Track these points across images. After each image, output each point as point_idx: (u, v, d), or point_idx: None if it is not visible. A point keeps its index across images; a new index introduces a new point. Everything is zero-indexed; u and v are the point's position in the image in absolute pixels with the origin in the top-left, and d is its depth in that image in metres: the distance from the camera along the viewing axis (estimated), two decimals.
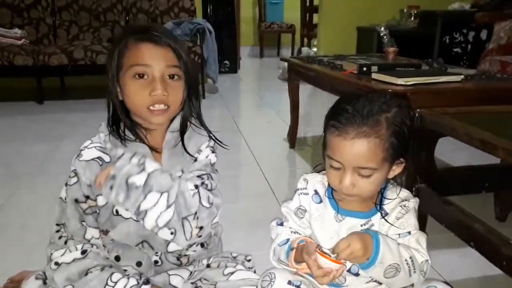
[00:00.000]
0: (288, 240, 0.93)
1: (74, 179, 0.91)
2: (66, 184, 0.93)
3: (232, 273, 0.98)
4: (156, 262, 0.98)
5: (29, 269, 1.09)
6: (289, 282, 0.87)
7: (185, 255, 1.01)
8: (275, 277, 0.89)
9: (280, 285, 0.87)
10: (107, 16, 3.90)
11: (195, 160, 0.97)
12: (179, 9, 4.05)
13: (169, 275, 0.97)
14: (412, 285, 0.84)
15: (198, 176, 0.92)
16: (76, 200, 0.91)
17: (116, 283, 0.88)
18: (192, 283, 0.96)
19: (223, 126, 2.83)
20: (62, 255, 0.91)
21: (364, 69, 1.60)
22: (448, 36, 3.63)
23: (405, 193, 0.91)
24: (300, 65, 2.18)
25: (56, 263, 0.90)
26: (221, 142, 1.02)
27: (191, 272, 1.00)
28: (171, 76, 0.88)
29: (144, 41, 0.86)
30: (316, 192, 0.94)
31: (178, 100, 0.90)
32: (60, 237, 0.92)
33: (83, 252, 0.91)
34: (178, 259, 1.00)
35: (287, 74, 2.44)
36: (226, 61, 5.17)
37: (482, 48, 3.04)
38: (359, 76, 1.59)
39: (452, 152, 1.80)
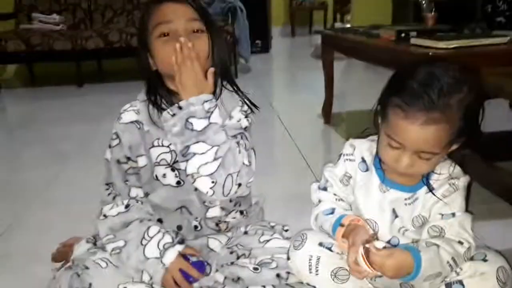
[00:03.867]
0: (333, 210, 0.90)
1: (116, 141, 0.95)
2: (109, 146, 0.96)
3: (268, 240, 0.99)
4: (196, 227, 1.00)
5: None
6: (320, 244, 0.87)
7: (225, 222, 1.02)
8: (306, 237, 0.89)
9: (311, 246, 0.87)
10: None
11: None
12: None
13: (208, 238, 0.99)
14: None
15: (233, 136, 0.92)
16: (118, 161, 0.95)
17: (152, 237, 0.90)
18: (228, 248, 0.98)
19: (257, 105, 2.81)
20: (110, 209, 0.95)
21: (402, 35, 1.54)
22: (491, 5, 3.43)
23: (456, 169, 0.85)
24: (335, 36, 2.14)
25: (104, 215, 0.95)
26: (253, 105, 1.00)
27: (229, 238, 1.02)
28: (195, 31, 0.89)
29: (164, 1, 0.89)
30: (363, 160, 0.91)
31: (204, 51, 0.89)
32: (108, 194, 0.97)
33: (127, 206, 0.95)
34: (217, 225, 1.02)
35: (321, 47, 2.39)
36: (257, 41, 5.12)
37: None
38: (398, 42, 1.54)
39: (498, 119, 1.72)
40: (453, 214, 0.83)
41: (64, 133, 2.42)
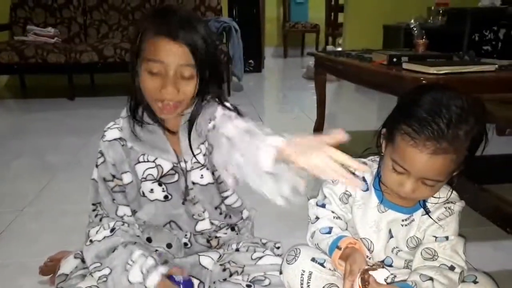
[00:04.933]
0: (331, 229, 0.91)
1: (101, 159, 0.95)
2: (96, 166, 0.96)
3: (260, 257, 0.99)
4: (185, 244, 1.00)
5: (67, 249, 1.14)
6: (313, 259, 0.88)
7: (215, 237, 1.03)
8: (300, 252, 0.90)
9: (303, 261, 0.88)
10: (136, 15, 3.98)
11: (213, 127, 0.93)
12: (206, 8, 4.10)
13: (199, 255, 0.99)
14: None
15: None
16: (104, 179, 0.95)
17: (135, 262, 0.89)
18: (220, 265, 0.98)
19: None
20: (97, 232, 0.94)
21: (395, 59, 1.59)
22: (478, 34, 3.53)
23: (453, 194, 0.88)
24: (327, 58, 2.18)
25: (90, 241, 0.94)
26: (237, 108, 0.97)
27: (220, 255, 1.01)
28: (184, 77, 0.85)
29: (162, 34, 0.82)
30: (363, 180, 0.92)
31: (188, 97, 0.87)
32: (96, 215, 0.96)
33: (112, 230, 0.94)
34: (208, 241, 1.02)
35: (314, 69, 2.44)
36: (250, 61, 5.18)
37: None
38: (389, 66, 1.58)
39: (490, 146, 1.77)
40: (447, 238, 0.85)
41: (54, 145, 2.40)
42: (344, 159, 0.65)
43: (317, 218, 0.95)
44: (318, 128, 2.43)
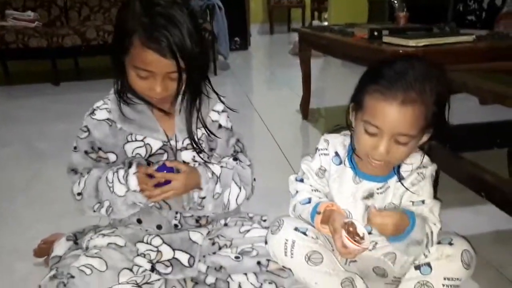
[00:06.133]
0: (310, 199, 0.95)
1: (86, 134, 0.98)
2: (79, 138, 0.99)
3: (248, 230, 1.03)
4: (176, 225, 1.03)
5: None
6: (296, 229, 0.92)
7: (204, 216, 1.05)
8: (283, 223, 0.93)
9: (287, 230, 0.92)
10: None
11: (219, 126, 1.03)
12: None
13: (189, 231, 1.01)
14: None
15: (233, 153, 1.04)
16: (86, 152, 0.99)
17: (113, 181, 0.94)
18: (210, 239, 1.01)
19: (236, 101, 2.80)
20: (79, 184, 0.99)
21: (375, 33, 1.60)
22: (462, 4, 3.54)
23: (425, 159, 0.91)
24: (311, 34, 2.19)
25: (78, 194, 0.99)
26: (229, 108, 1.07)
27: (209, 230, 1.04)
28: (172, 77, 0.87)
29: (151, 48, 0.82)
30: (336, 154, 0.96)
31: (176, 90, 0.90)
32: (75, 174, 1.01)
33: (88, 171, 0.99)
34: (197, 221, 1.05)
35: (299, 45, 2.44)
36: (236, 38, 5.14)
37: (497, 16, 2.97)
38: (370, 40, 1.60)
39: (463, 113, 1.81)
40: (423, 201, 0.89)
41: (42, 132, 2.39)
42: None
43: (297, 192, 0.99)
44: (304, 104, 2.45)
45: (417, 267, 0.88)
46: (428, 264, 0.87)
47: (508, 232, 1.24)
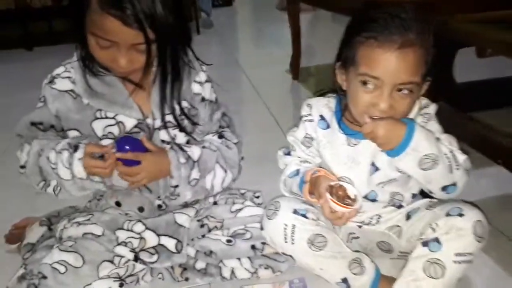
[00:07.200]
0: (298, 171, 0.89)
1: (41, 104, 0.88)
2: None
3: (240, 209, 0.95)
4: (159, 206, 0.94)
5: (32, 215, 1.08)
6: (295, 211, 0.84)
7: None
8: (280, 206, 0.85)
9: (285, 214, 0.84)
10: None
11: (202, 99, 0.92)
12: None
13: (174, 213, 0.92)
14: (455, 184, 0.79)
15: (218, 129, 0.94)
16: (33, 123, 0.88)
17: (56, 163, 0.83)
18: (198, 220, 0.93)
19: (222, 62, 2.73)
20: (21, 152, 0.89)
21: None
22: None
23: (424, 100, 0.84)
24: None
25: (21, 166, 0.89)
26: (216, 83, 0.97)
27: (197, 210, 0.96)
28: (139, 49, 0.75)
29: (110, 14, 0.70)
30: (322, 118, 0.89)
31: (144, 63, 0.78)
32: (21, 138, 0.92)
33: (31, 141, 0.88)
34: None
35: None
36: None
37: None
38: None
39: (470, 70, 1.70)
40: (438, 139, 0.80)
41: (15, 102, 2.24)
42: None
43: (286, 165, 0.92)
44: (294, 63, 2.32)
45: (425, 243, 0.79)
46: (437, 240, 0.78)
47: None
